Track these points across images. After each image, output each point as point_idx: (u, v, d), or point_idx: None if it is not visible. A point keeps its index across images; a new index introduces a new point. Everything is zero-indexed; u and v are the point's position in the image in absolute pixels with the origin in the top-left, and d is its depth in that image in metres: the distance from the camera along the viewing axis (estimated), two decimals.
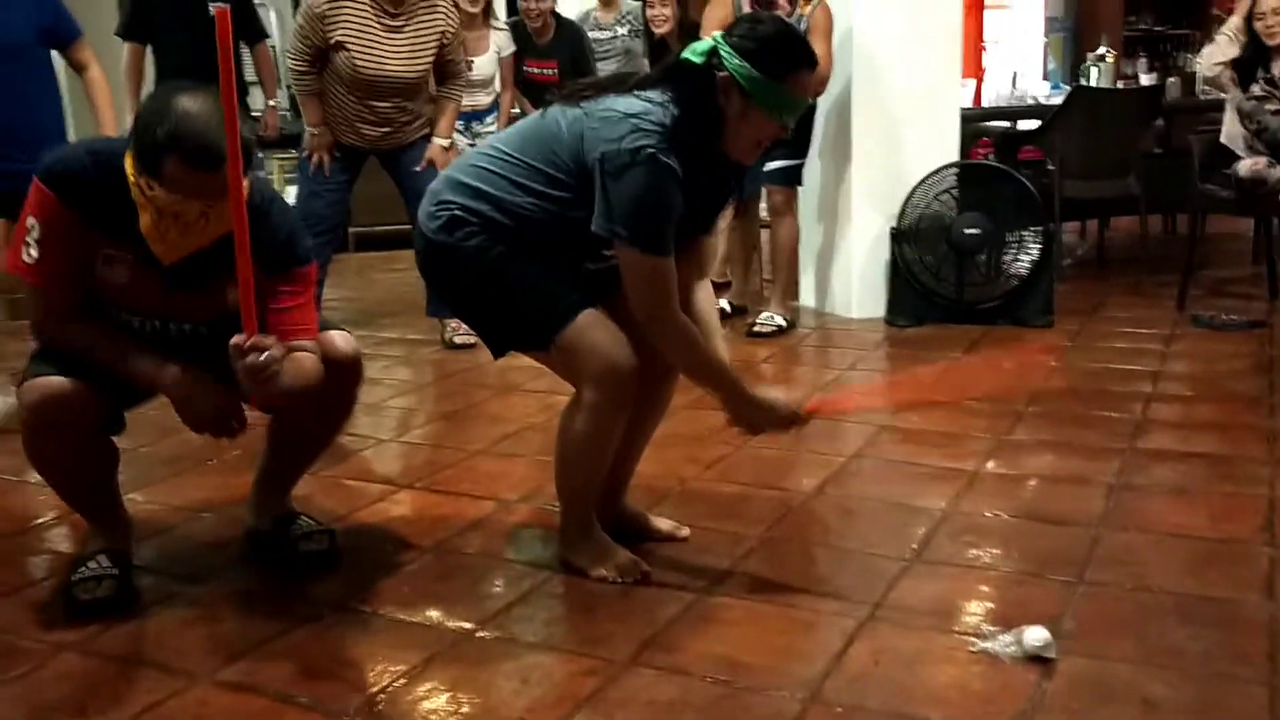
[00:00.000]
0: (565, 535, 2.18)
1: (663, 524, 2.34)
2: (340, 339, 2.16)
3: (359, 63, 3.86)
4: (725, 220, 4.51)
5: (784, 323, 4.31)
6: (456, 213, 2.00)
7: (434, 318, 4.39)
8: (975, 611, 1.99)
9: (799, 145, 4.29)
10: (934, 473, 2.71)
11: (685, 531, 2.33)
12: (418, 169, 4.07)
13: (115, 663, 1.87)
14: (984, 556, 2.21)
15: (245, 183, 1.79)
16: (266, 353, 1.79)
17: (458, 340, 4.23)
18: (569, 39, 5.06)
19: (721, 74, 1.93)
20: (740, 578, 2.15)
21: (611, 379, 1.98)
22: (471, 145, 5.08)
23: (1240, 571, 2.09)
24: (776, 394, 2.18)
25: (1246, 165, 4.20)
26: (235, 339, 1.78)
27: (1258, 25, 4.26)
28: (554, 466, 2.14)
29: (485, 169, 2.03)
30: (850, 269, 4.55)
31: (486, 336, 2.13)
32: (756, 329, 4.29)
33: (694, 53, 1.99)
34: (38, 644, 1.94)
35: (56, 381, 1.93)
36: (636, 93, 1.98)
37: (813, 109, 4.32)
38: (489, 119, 5.01)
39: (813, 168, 4.51)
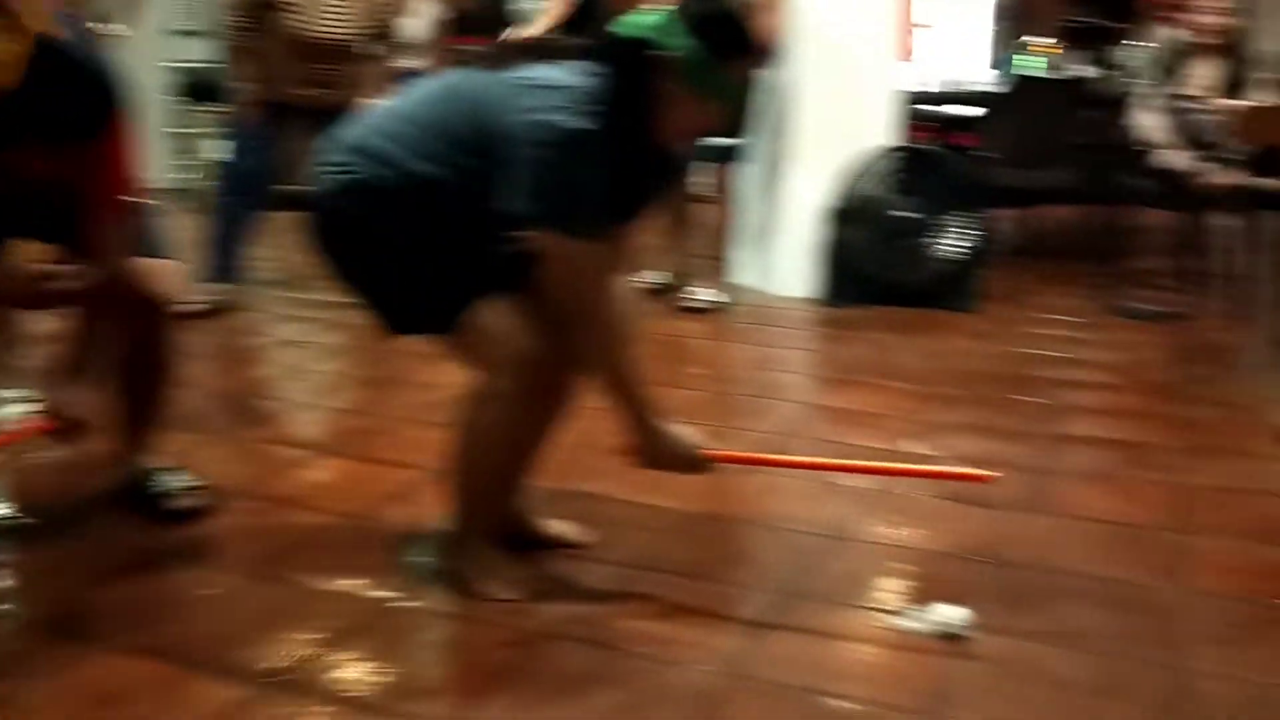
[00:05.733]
0: (457, 543, 1.98)
1: (562, 529, 2.16)
2: (161, 272, 2.03)
3: (299, 22, 3.78)
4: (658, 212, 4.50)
5: (715, 299, 4.32)
6: (358, 176, 1.82)
7: None
8: (891, 589, 2.02)
9: (737, 123, 4.28)
10: (859, 452, 2.73)
11: (590, 537, 2.15)
12: None
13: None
14: (902, 536, 2.24)
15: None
16: None
17: None
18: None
19: (659, 54, 1.78)
20: (662, 551, 2.14)
21: (520, 365, 1.82)
22: None
23: (1148, 555, 2.15)
24: (687, 431, 1.95)
25: (1170, 160, 4.29)
26: None
27: (1192, 19, 4.36)
28: (453, 464, 1.94)
29: (388, 131, 1.85)
30: (786, 247, 4.57)
31: (382, 314, 1.94)
32: (687, 304, 4.28)
33: (631, 27, 1.83)
34: None
35: None
36: (566, 64, 1.83)
37: (752, 86, 4.31)
38: None
39: (753, 145, 4.50)
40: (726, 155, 4.30)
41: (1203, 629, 1.86)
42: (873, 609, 1.92)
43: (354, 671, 1.70)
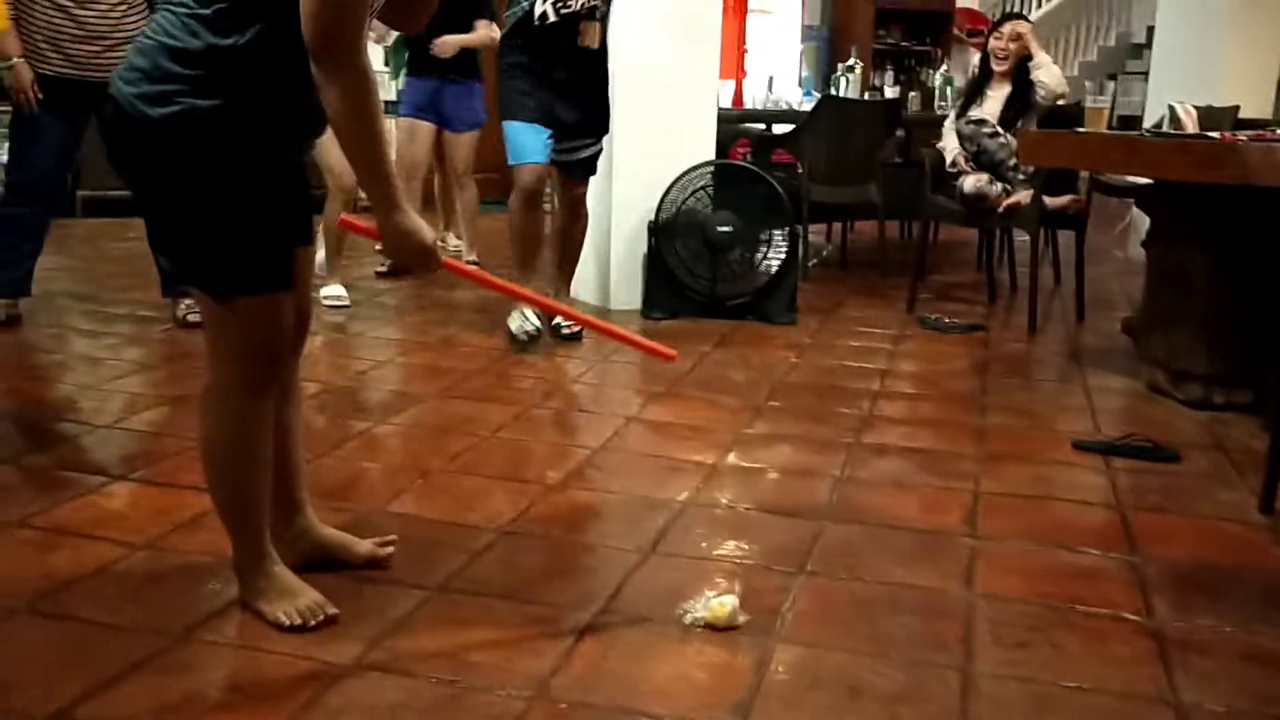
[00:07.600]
0: (239, 570, 1.91)
1: (360, 548, 2.10)
2: None
3: None
4: None
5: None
6: (188, 105, 1.64)
7: (168, 298, 4.11)
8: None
9: (600, 130, 4.06)
10: (676, 465, 2.76)
11: (388, 550, 2.11)
12: None
13: None
14: (716, 548, 2.27)
15: None
16: None
17: (191, 319, 3.98)
18: None
19: None
20: (477, 573, 2.11)
21: (264, 355, 1.79)
22: None
23: (944, 562, 2.24)
24: (427, 229, 1.83)
25: (970, 182, 4.53)
26: None
27: (992, 45, 4.62)
28: (205, 480, 1.90)
29: (181, 17, 1.66)
30: (609, 261, 4.60)
31: (177, 257, 1.81)
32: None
33: None
34: None
35: None
36: None
37: (606, 94, 4.08)
38: None
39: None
40: (594, 168, 4.10)
41: (993, 632, 1.95)
42: (683, 625, 1.93)
43: (139, 710, 1.60)
